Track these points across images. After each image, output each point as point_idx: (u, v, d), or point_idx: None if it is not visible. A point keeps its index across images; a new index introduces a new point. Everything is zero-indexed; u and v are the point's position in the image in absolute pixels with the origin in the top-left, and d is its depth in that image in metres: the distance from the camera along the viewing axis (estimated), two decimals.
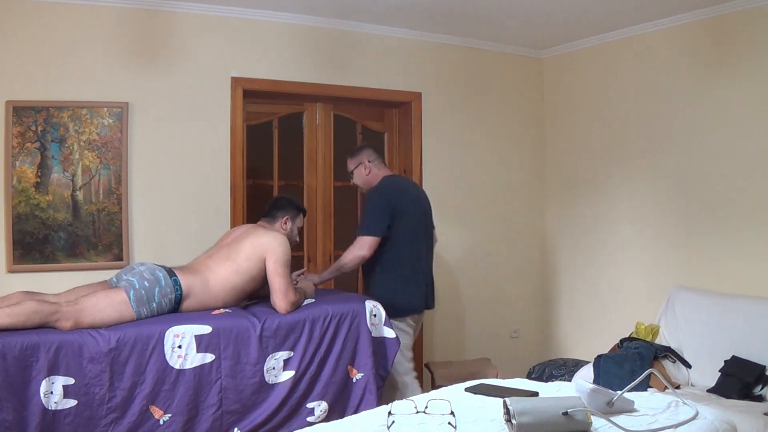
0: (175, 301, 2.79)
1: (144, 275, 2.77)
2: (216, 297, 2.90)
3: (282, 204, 3.29)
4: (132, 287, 2.71)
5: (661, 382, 3.06)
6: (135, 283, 2.73)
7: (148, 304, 2.71)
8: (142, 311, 2.70)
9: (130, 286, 2.72)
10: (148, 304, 2.71)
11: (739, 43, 3.74)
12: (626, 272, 4.40)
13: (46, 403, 2.39)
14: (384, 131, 4.65)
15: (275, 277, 2.92)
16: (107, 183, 3.65)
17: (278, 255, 2.94)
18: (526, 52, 4.91)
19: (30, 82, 3.48)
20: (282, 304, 2.89)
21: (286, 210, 3.25)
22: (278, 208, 3.26)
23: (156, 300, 2.73)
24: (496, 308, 4.83)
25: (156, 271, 2.80)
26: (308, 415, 2.87)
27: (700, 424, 1.89)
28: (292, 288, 2.94)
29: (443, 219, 4.60)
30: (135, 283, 2.73)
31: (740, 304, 3.52)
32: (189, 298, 2.83)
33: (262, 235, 3.03)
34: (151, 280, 2.75)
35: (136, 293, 2.70)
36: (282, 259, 2.95)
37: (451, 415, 1.86)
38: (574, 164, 4.79)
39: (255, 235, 3.04)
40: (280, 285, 2.90)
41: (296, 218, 3.28)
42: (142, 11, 3.71)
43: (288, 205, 3.28)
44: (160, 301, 2.74)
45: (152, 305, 2.72)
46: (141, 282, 2.74)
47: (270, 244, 2.97)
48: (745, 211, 3.73)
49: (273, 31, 4.06)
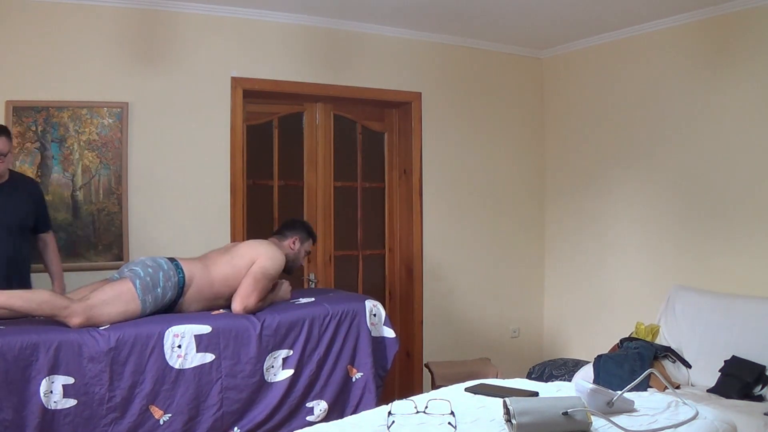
0: (178, 284, 2.81)
1: (146, 263, 2.81)
2: (212, 283, 2.91)
3: (294, 225, 3.32)
4: (137, 276, 2.74)
5: (661, 382, 3.06)
6: (140, 272, 2.76)
7: (153, 290, 2.73)
8: (147, 299, 2.71)
9: (135, 276, 2.75)
10: (153, 290, 2.73)
11: (739, 43, 3.74)
12: (626, 272, 4.40)
13: (45, 403, 2.39)
14: (384, 131, 4.65)
15: (248, 278, 2.91)
16: (107, 183, 3.65)
17: (264, 263, 2.95)
18: (526, 52, 4.91)
19: (30, 82, 3.48)
20: (237, 305, 2.87)
21: (297, 231, 3.27)
22: (290, 228, 3.29)
23: (161, 285, 2.76)
24: (496, 308, 4.83)
25: (157, 259, 2.85)
26: (308, 414, 2.87)
27: (700, 424, 1.89)
28: (256, 296, 2.90)
29: (443, 218, 4.61)
30: (140, 272, 2.76)
31: (740, 304, 3.52)
32: (191, 284, 2.86)
33: (263, 244, 3.06)
34: (154, 266, 2.79)
35: (141, 281, 2.72)
36: (265, 267, 2.95)
37: (451, 415, 1.86)
38: (574, 164, 4.79)
39: (256, 243, 3.08)
40: (247, 287, 2.89)
41: (305, 241, 3.28)
42: (142, 11, 3.71)
43: (300, 227, 3.31)
44: (164, 285, 2.77)
45: (157, 291, 2.74)
46: (145, 269, 2.77)
47: (265, 252, 2.99)
48: (745, 211, 3.73)
49: (273, 31, 4.06)
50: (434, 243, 4.57)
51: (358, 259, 4.58)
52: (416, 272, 4.52)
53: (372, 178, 4.64)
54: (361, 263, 4.59)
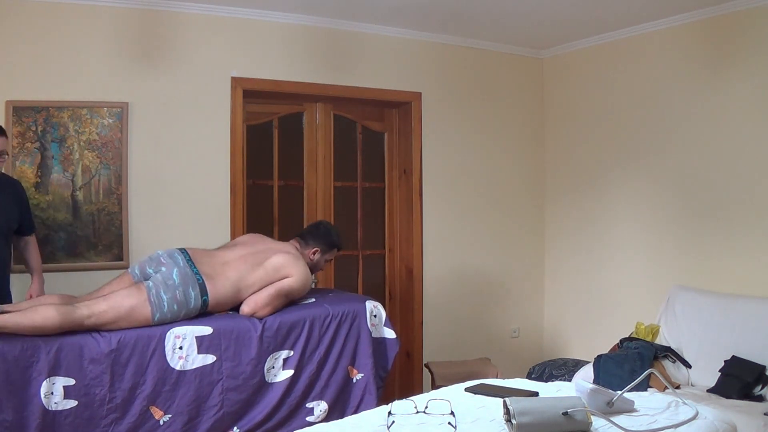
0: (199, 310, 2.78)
1: (176, 294, 2.69)
2: (239, 299, 2.90)
3: (320, 234, 3.26)
4: (160, 310, 2.65)
5: (661, 382, 3.06)
6: (164, 305, 2.66)
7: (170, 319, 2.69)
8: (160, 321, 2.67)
9: (158, 308, 2.64)
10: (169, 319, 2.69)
11: (739, 43, 3.74)
12: (626, 272, 4.40)
13: (46, 404, 2.39)
14: (384, 131, 4.65)
15: (271, 290, 2.89)
16: (107, 183, 3.65)
17: (294, 285, 2.94)
18: (526, 52, 4.91)
19: (30, 82, 3.48)
20: (248, 309, 2.86)
21: (320, 243, 3.22)
22: (314, 237, 3.24)
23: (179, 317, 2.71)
24: (496, 308, 4.83)
25: (189, 289, 2.73)
26: (308, 414, 2.88)
27: (700, 424, 1.89)
28: (270, 310, 2.88)
29: (443, 219, 4.61)
30: (164, 305, 2.66)
31: (740, 304, 3.52)
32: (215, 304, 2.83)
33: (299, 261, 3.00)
34: (181, 302, 2.70)
35: (162, 316, 2.65)
36: (293, 288, 2.94)
37: (451, 415, 1.86)
38: (574, 164, 4.79)
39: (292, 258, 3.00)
40: (266, 298, 2.87)
41: (327, 253, 3.26)
42: (142, 11, 3.71)
43: (324, 238, 3.25)
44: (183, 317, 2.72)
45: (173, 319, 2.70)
46: (171, 305, 2.67)
47: (299, 273, 2.95)
48: (745, 211, 3.73)
49: (273, 31, 4.06)
50: (434, 243, 4.57)
51: (358, 260, 4.58)
52: (416, 272, 4.52)
53: (372, 178, 4.64)
54: (361, 263, 4.59)
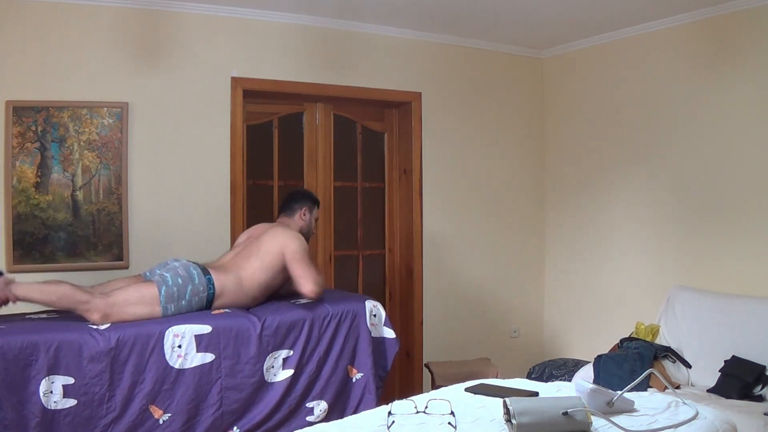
0: (207, 299, 2.83)
1: (178, 271, 2.80)
2: (247, 294, 2.95)
3: (298, 197, 3.37)
4: (165, 283, 2.74)
5: (661, 382, 3.06)
6: (168, 280, 2.75)
7: (178, 301, 2.74)
8: (169, 307, 2.72)
9: (163, 282, 2.75)
10: (177, 301, 2.74)
11: (739, 43, 3.74)
12: (626, 272, 4.40)
13: (45, 403, 2.39)
14: (384, 131, 4.65)
15: (295, 264, 2.96)
16: (107, 183, 3.65)
17: (294, 246, 3.00)
18: (526, 52, 4.91)
19: (30, 82, 3.48)
20: (309, 287, 2.91)
21: (303, 202, 3.33)
22: (295, 200, 3.34)
23: (187, 298, 2.76)
24: (496, 308, 4.83)
25: (190, 268, 2.83)
26: (307, 414, 2.88)
27: (700, 424, 1.89)
28: (313, 270, 2.97)
29: (443, 219, 4.61)
30: (168, 280, 2.75)
31: (740, 304, 3.52)
32: (221, 297, 2.87)
33: (279, 232, 3.08)
34: (185, 277, 2.79)
35: (168, 290, 2.72)
36: (299, 248, 3.00)
37: (451, 415, 1.86)
38: (574, 164, 4.79)
39: (272, 232, 3.10)
40: (302, 271, 2.94)
41: (313, 209, 3.35)
42: (142, 11, 3.71)
43: (304, 197, 3.37)
44: (191, 299, 2.77)
45: (182, 303, 2.75)
46: (175, 279, 2.76)
47: (285, 239, 3.02)
48: (745, 211, 3.73)
49: (273, 31, 4.06)
50: (434, 243, 4.57)
51: (358, 259, 4.58)
52: (416, 272, 4.52)
53: (372, 178, 4.64)
54: (361, 263, 4.59)
